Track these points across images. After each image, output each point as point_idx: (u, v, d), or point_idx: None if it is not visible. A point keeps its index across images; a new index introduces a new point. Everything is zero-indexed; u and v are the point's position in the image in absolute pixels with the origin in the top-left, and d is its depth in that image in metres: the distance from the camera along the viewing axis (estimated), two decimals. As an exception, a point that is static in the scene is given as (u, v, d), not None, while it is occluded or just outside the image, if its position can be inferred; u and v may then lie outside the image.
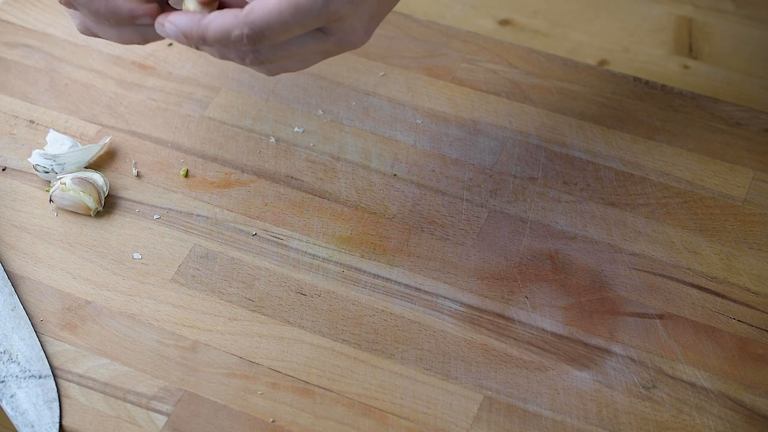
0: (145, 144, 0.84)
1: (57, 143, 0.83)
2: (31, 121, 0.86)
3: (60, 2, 0.71)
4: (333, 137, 0.85)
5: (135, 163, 0.83)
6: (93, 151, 0.82)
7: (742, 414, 0.70)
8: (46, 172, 0.81)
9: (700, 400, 0.71)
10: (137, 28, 0.71)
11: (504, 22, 1.00)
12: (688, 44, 0.94)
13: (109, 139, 0.84)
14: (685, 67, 0.93)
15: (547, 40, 0.97)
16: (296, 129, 0.85)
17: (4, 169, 0.83)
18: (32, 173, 0.82)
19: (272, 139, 0.85)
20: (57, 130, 0.85)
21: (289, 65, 0.69)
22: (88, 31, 0.73)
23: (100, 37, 0.73)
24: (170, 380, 0.72)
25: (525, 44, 0.94)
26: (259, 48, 0.67)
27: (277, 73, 0.70)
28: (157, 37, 0.71)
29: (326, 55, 0.69)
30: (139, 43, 0.72)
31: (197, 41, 0.67)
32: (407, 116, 0.86)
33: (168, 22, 0.68)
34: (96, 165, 0.83)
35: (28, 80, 0.89)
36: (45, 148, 0.83)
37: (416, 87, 0.88)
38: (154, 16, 0.69)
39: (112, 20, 0.70)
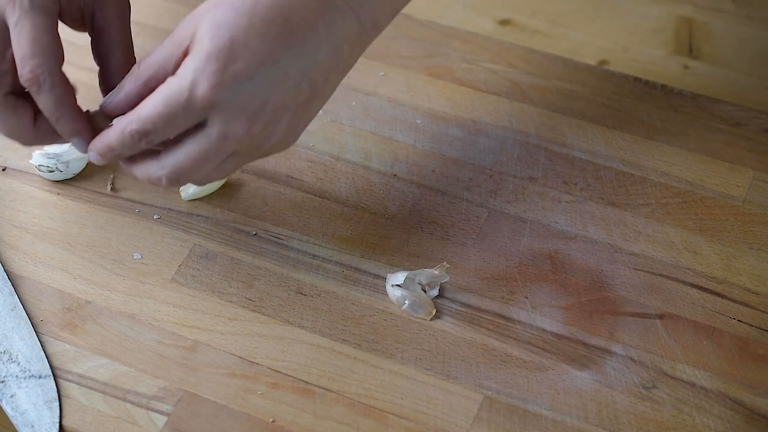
0: (145, 144, 0.84)
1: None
2: (31, 121, 0.86)
3: (23, 82, 0.70)
4: (333, 137, 0.85)
5: (112, 178, 0.82)
6: (93, 150, 0.83)
7: (742, 414, 0.70)
8: (51, 171, 0.81)
9: (700, 400, 0.71)
10: (40, 133, 0.72)
11: (504, 22, 1.00)
12: (688, 44, 0.94)
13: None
14: (685, 67, 0.93)
15: (547, 40, 0.97)
16: (296, 129, 0.85)
17: (4, 169, 0.83)
18: (32, 173, 0.82)
19: (272, 139, 0.85)
20: (57, 130, 0.85)
21: (194, 171, 0.69)
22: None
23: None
24: (170, 380, 0.72)
25: (525, 44, 0.94)
26: (166, 164, 0.69)
27: (186, 182, 0.71)
28: (41, 146, 0.75)
29: (237, 161, 0.70)
30: (23, 143, 0.73)
31: (107, 149, 0.69)
32: (407, 116, 0.86)
33: (90, 151, 0.71)
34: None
35: (28, 80, 0.89)
36: (45, 148, 0.83)
37: (416, 87, 0.88)
38: (86, 136, 0.71)
39: (54, 113, 0.71)
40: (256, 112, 0.67)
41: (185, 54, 0.68)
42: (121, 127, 0.68)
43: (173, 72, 0.68)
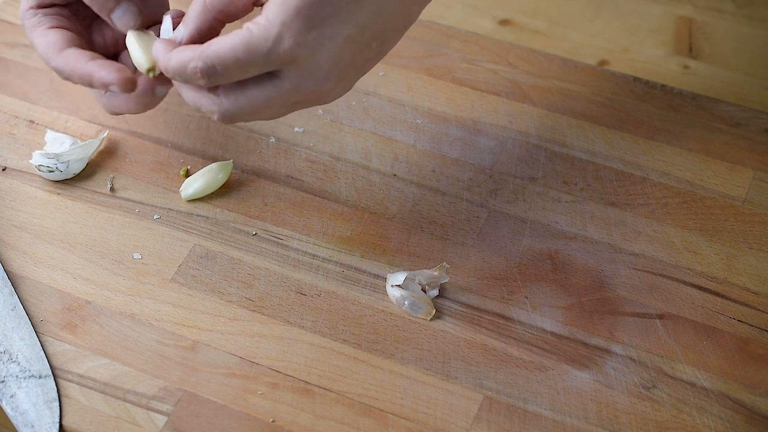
0: (145, 144, 0.84)
1: (57, 143, 0.83)
2: (31, 121, 0.86)
3: (62, 78, 0.75)
4: (333, 137, 0.85)
5: (112, 178, 0.82)
6: (94, 145, 0.83)
7: (742, 414, 0.70)
8: (51, 171, 0.81)
9: (700, 400, 0.71)
10: (142, 98, 0.75)
11: (504, 22, 1.00)
12: (688, 44, 0.94)
13: (107, 132, 0.84)
14: (685, 67, 0.93)
15: (547, 40, 0.97)
16: (296, 129, 0.85)
17: (4, 169, 0.83)
18: (32, 173, 0.82)
19: (272, 139, 0.85)
20: (56, 131, 0.85)
21: (251, 114, 0.70)
22: (113, 111, 0.76)
23: (122, 113, 0.76)
24: (170, 380, 0.72)
25: (525, 44, 0.94)
26: (223, 102, 0.69)
27: (238, 121, 0.71)
28: (159, 99, 0.75)
29: (293, 105, 0.70)
30: (151, 106, 0.76)
31: (164, 70, 0.70)
32: (407, 116, 0.86)
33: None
34: (96, 163, 0.83)
35: (28, 80, 0.89)
36: (45, 148, 0.83)
37: (416, 87, 0.88)
38: (122, 82, 0.72)
39: (96, 87, 0.73)
40: (330, 70, 0.68)
41: None
42: (182, 61, 0.68)
43: (245, 9, 0.69)
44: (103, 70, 0.72)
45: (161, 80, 0.73)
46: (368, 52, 0.69)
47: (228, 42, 0.66)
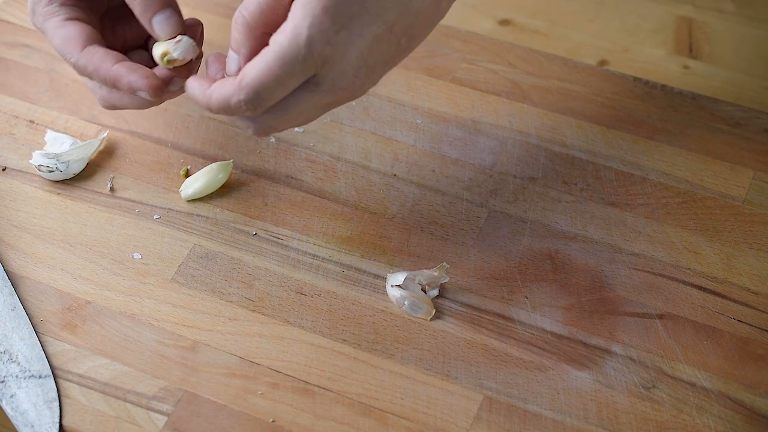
0: (145, 144, 0.84)
1: (57, 142, 0.83)
2: (31, 121, 0.86)
3: (79, 74, 0.74)
4: (333, 137, 0.85)
5: (112, 178, 0.82)
6: (94, 145, 0.83)
7: (742, 414, 0.70)
8: (51, 171, 0.81)
9: (700, 400, 0.71)
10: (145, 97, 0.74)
11: (504, 22, 1.00)
12: (688, 44, 0.94)
13: (107, 133, 0.84)
14: (685, 67, 0.93)
15: (547, 40, 0.97)
16: (296, 129, 0.85)
17: (4, 169, 0.83)
18: (32, 173, 0.82)
19: (272, 139, 0.85)
20: (56, 131, 0.85)
21: (287, 123, 0.70)
22: (110, 105, 0.76)
23: (120, 108, 0.76)
24: (170, 380, 0.72)
25: (525, 44, 0.94)
26: (260, 118, 0.69)
27: (274, 132, 0.71)
28: (171, 96, 0.74)
29: (325, 107, 0.70)
30: (156, 104, 0.75)
31: (205, 109, 0.69)
32: (407, 116, 0.86)
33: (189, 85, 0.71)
34: (96, 163, 0.83)
35: (28, 80, 0.89)
36: (45, 148, 0.83)
37: (416, 87, 0.88)
38: (153, 89, 0.72)
39: (121, 90, 0.73)
40: (360, 67, 0.67)
41: None
42: (224, 97, 0.67)
43: (285, 12, 0.67)
44: (132, 74, 0.72)
45: (179, 73, 0.73)
46: (396, 48, 0.68)
47: (263, 64, 0.65)
